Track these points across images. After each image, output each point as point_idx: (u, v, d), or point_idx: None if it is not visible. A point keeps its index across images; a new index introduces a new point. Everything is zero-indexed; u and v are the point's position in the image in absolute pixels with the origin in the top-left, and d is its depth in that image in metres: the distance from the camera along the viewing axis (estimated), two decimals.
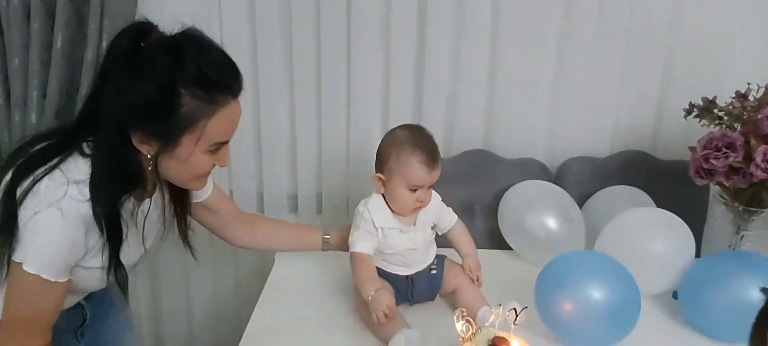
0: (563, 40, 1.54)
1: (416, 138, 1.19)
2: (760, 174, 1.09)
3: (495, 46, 1.55)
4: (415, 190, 1.19)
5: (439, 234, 1.32)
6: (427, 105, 1.60)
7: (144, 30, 0.97)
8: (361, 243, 1.20)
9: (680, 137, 1.56)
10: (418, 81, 1.60)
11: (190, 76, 0.95)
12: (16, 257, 0.95)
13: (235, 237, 1.35)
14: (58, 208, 0.94)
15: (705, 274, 1.19)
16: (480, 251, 1.33)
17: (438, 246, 1.31)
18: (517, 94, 1.59)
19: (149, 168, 1.01)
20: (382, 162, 1.20)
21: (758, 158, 1.09)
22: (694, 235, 1.31)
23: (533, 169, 1.60)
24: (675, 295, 1.25)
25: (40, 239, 0.95)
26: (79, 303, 1.16)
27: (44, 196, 0.94)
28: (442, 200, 1.29)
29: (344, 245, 1.37)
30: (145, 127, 0.97)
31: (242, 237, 1.36)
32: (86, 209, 0.97)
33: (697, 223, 1.39)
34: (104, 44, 1.51)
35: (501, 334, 1.09)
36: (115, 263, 1.04)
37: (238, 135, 1.09)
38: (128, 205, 1.05)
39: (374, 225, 1.21)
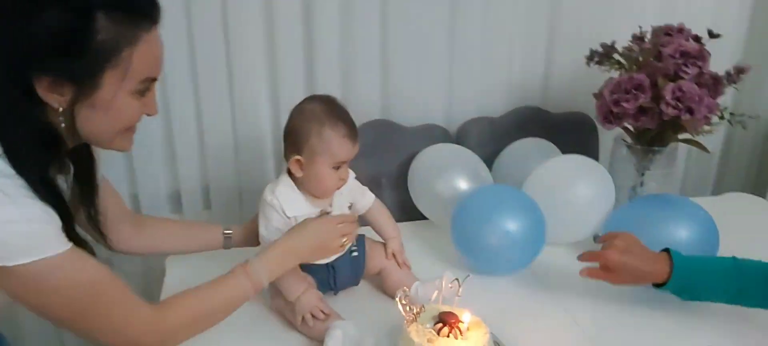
0: (453, 1, 1.48)
1: (334, 110, 1.07)
2: (671, 111, 1.12)
3: (385, 13, 1.46)
4: (339, 167, 1.07)
5: (357, 216, 1.21)
6: (319, 79, 1.47)
7: None
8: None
9: (567, 91, 1.60)
10: (307, 55, 1.46)
11: None
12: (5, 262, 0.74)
13: (120, 240, 1.09)
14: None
15: (625, 218, 1.20)
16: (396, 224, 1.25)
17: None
18: (411, 60, 1.51)
19: (63, 124, 0.79)
20: (299, 142, 1.06)
21: (668, 96, 1.11)
22: None
23: (435, 135, 1.55)
24: (595, 238, 1.26)
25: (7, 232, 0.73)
26: None
27: None
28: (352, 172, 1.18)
29: (250, 240, 1.21)
30: (54, 67, 0.75)
31: (129, 241, 1.11)
32: (20, 180, 0.76)
33: None
34: None
35: (447, 308, 1.01)
36: (74, 238, 0.82)
37: None
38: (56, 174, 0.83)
39: (285, 215, 1.07)
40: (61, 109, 0.79)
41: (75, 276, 0.80)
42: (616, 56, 1.27)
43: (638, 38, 1.26)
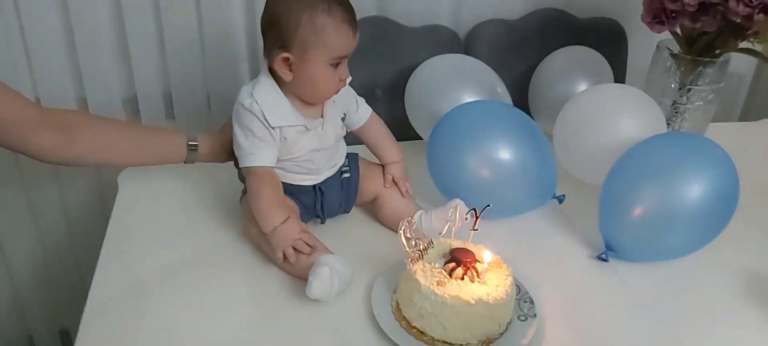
0: None
1: None
2: (742, 9, 0.90)
3: None
4: (338, 64, 0.86)
5: (348, 131, 1.00)
6: None
7: None
8: (259, 153, 0.87)
9: None
10: None
11: None
12: None
13: (44, 150, 0.87)
14: None
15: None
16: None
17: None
18: None
19: None
20: (286, 35, 0.83)
21: None
22: None
23: (441, 38, 1.32)
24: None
25: None
26: None
27: None
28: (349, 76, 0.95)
29: (219, 155, 1.00)
30: None
31: (56, 149, 0.87)
32: None
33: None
34: None
35: (459, 244, 0.82)
36: None
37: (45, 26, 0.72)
38: None
39: (269, 124, 0.85)
40: None
41: None
42: None
43: None
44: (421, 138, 1.22)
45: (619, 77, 1.39)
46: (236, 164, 0.92)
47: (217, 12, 1.22)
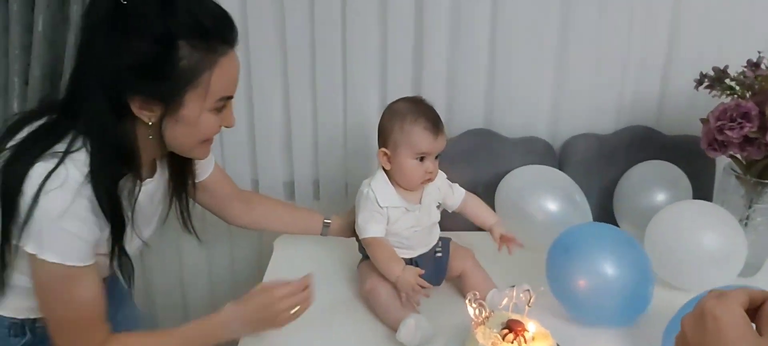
0: (565, 13, 1.49)
1: (417, 107, 1.17)
2: None
3: (495, 22, 1.50)
4: (423, 159, 1.16)
5: (450, 212, 1.28)
6: (426, 84, 1.54)
7: None
8: (372, 227, 1.17)
9: (684, 112, 1.53)
10: (416, 59, 1.54)
11: (186, 26, 0.88)
12: (36, 251, 0.89)
13: (234, 216, 1.30)
14: (60, 189, 0.87)
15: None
16: (481, 233, 1.29)
17: (442, 230, 1.27)
18: (518, 71, 1.53)
19: (150, 137, 0.94)
20: (385, 136, 1.17)
21: None
22: None
23: (537, 148, 1.56)
24: None
25: (50, 224, 0.88)
26: None
27: (42, 179, 0.87)
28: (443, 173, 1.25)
29: (345, 231, 1.33)
30: (145, 90, 0.90)
31: (241, 216, 1.30)
32: (88, 189, 0.90)
33: (704, 198, 1.37)
34: None
35: (515, 316, 1.05)
36: (118, 251, 0.97)
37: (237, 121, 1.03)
38: (128, 185, 0.97)
39: (379, 204, 1.16)
40: (150, 123, 0.93)
41: (74, 290, 0.93)
42: (729, 82, 1.22)
43: (753, 64, 1.20)
44: None
45: (707, 191, 1.50)
46: (358, 239, 1.24)
47: (358, 119, 1.59)
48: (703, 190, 1.46)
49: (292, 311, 1.04)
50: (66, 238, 0.89)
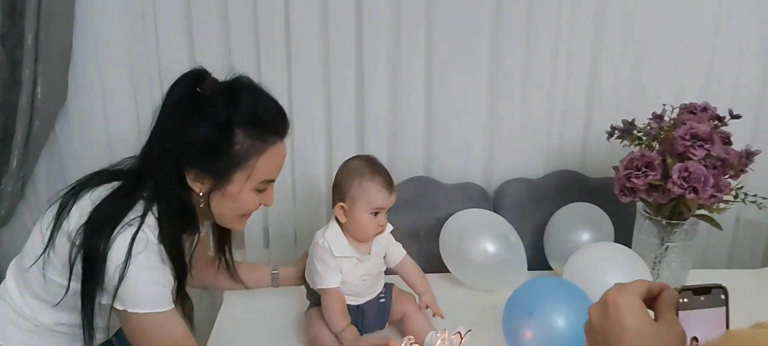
0: (494, 69, 1.62)
1: (373, 165, 1.26)
2: (676, 190, 1.19)
3: (430, 77, 1.62)
4: (377, 214, 1.24)
5: (387, 267, 1.36)
6: (368, 137, 1.65)
7: (200, 76, 1.06)
8: (330, 278, 1.24)
9: (606, 157, 1.67)
10: (359, 114, 1.64)
11: (245, 117, 1.03)
12: (127, 307, 1.01)
13: (202, 279, 1.36)
14: (145, 252, 1.00)
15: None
16: (427, 275, 1.38)
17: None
18: (453, 123, 1.65)
19: (201, 205, 1.07)
20: (343, 191, 1.25)
21: (674, 176, 1.18)
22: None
23: (473, 193, 1.67)
24: None
25: (139, 284, 1.00)
26: (108, 340, 1.20)
27: (129, 246, 0.99)
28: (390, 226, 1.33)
29: (294, 280, 1.40)
30: (201, 165, 1.04)
31: (205, 278, 1.37)
32: (161, 246, 1.04)
33: (628, 236, 1.48)
34: (39, 89, 1.50)
35: None
36: (182, 295, 1.12)
37: None
38: (189, 238, 1.12)
39: (332, 254, 1.24)
40: (201, 193, 1.07)
41: (167, 329, 1.06)
42: (636, 133, 1.35)
43: (657, 116, 1.34)
44: (449, 271, 1.54)
45: (629, 230, 1.61)
46: (307, 287, 1.31)
47: (307, 171, 1.67)
48: (625, 229, 1.58)
49: None
50: (154, 289, 1.03)
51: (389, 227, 1.32)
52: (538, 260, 1.59)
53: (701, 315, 0.62)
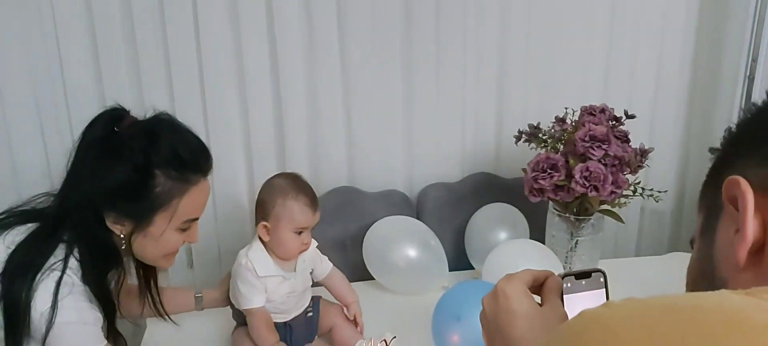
0: (407, 75, 1.66)
1: (297, 183, 1.26)
2: (579, 189, 1.27)
3: (346, 89, 1.65)
4: (300, 232, 1.24)
5: (315, 281, 1.37)
6: (289, 150, 1.66)
7: (118, 116, 1.03)
8: (254, 297, 1.23)
9: (519, 158, 1.74)
10: (278, 127, 1.65)
11: (165, 158, 1.01)
12: None
13: (131, 309, 1.28)
14: (71, 296, 0.98)
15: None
16: (352, 284, 1.41)
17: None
18: (372, 132, 1.69)
19: (123, 247, 1.04)
20: (266, 210, 1.24)
21: (577, 176, 1.26)
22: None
23: (396, 200, 1.71)
24: None
25: (68, 328, 0.97)
26: None
27: (52, 290, 0.97)
28: (315, 237, 1.33)
29: (219, 302, 1.39)
30: (120, 208, 1.01)
31: (133, 308, 1.29)
32: (86, 288, 1.01)
33: (542, 232, 1.56)
34: None
35: None
36: (114, 334, 1.10)
37: None
38: (114, 276, 1.10)
39: (257, 274, 1.23)
40: (122, 236, 1.03)
41: None
42: (542, 136, 1.43)
43: (560, 120, 1.42)
44: (374, 278, 1.57)
45: (543, 227, 1.71)
46: (232, 308, 1.30)
47: (228, 190, 1.66)
48: (539, 226, 1.66)
49: None
50: (85, 331, 1.00)
51: (314, 243, 1.33)
52: (460, 260, 1.65)
53: (583, 297, 0.68)
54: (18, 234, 1.03)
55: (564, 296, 0.68)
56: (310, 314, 1.35)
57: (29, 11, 1.49)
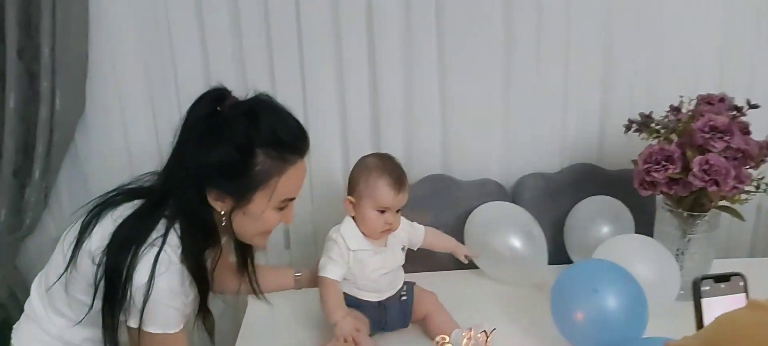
0: (507, 63, 1.61)
1: (384, 163, 1.27)
2: (698, 183, 1.18)
3: (443, 75, 1.62)
4: (384, 212, 1.25)
5: (415, 249, 1.37)
6: (384, 136, 1.65)
7: (220, 96, 1.07)
8: (332, 268, 1.25)
9: (623, 149, 1.65)
10: (374, 113, 1.65)
11: (265, 138, 1.04)
12: (134, 323, 1.03)
13: (225, 285, 1.34)
14: (167, 273, 1.02)
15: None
16: (447, 273, 1.39)
17: (407, 273, 1.37)
18: (469, 119, 1.66)
19: (223, 224, 1.08)
20: (352, 186, 1.27)
21: (695, 168, 1.18)
22: None
23: (490, 189, 1.67)
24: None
25: (156, 306, 1.02)
26: None
27: (150, 265, 1.01)
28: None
29: (315, 281, 1.41)
30: (222, 185, 1.05)
31: (231, 284, 1.35)
32: (182, 268, 1.05)
33: (648, 228, 1.48)
34: (58, 101, 1.51)
35: None
36: (204, 311, 1.13)
37: None
38: (211, 255, 1.13)
39: (348, 248, 1.25)
40: (222, 213, 1.06)
41: None
42: (654, 126, 1.35)
43: (675, 109, 1.33)
44: (477, 267, 1.54)
45: (649, 222, 1.59)
46: None
47: (324, 171, 1.69)
48: (646, 221, 1.57)
49: None
50: (169, 313, 1.04)
51: (403, 221, 1.33)
52: (557, 254, 1.59)
53: (722, 302, 0.66)
54: (126, 209, 1.08)
55: (702, 299, 0.65)
56: (404, 297, 1.34)
57: (143, 2, 1.57)
